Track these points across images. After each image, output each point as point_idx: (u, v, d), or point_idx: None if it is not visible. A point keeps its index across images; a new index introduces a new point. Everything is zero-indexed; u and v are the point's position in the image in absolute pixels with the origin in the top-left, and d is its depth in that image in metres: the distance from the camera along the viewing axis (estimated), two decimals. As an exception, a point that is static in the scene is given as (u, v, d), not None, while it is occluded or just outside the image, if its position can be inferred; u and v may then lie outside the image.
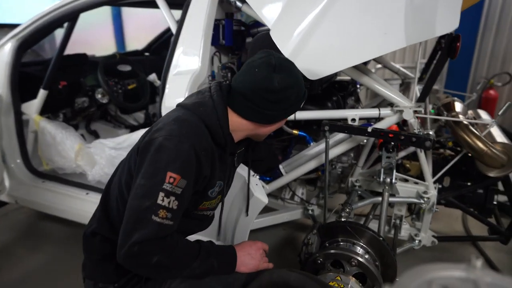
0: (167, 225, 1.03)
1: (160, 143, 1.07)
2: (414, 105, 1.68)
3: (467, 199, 2.08)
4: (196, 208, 1.25)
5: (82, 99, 2.76)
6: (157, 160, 1.06)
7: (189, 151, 1.07)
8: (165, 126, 1.13)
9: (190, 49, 1.76)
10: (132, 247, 0.99)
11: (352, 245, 1.51)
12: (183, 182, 1.05)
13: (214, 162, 1.19)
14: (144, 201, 1.02)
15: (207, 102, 1.20)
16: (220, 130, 1.19)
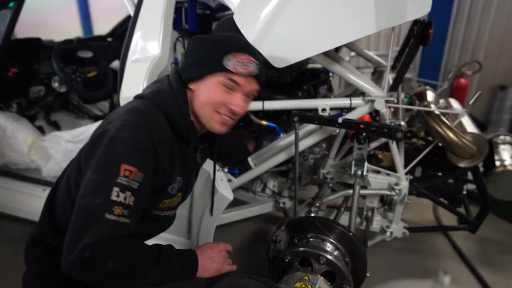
0: (123, 224, 0.91)
1: (113, 134, 0.96)
2: (385, 94, 1.61)
3: (438, 189, 2.06)
4: (155, 207, 1.15)
5: (38, 88, 2.55)
6: (109, 153, 0.94)
7: (145, 142, 0.97)
8: (119, 117, 1.02)
9: (149, 34, 1.63)
10: (83, 251, 0.86)
11: (321, 242, 1.45)
12: (140, 176, 0.94)
13: (173, 155, 1.09)
14: (95, 198, 0.90)
15: (165, 90, 1.11)
16: (180, 117, 1.10)
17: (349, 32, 1.18)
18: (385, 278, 2.02)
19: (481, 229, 2.39)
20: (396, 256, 2.21)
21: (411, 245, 2.30)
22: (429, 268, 2.10)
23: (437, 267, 2.11)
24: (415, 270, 2.08)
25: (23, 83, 2.46)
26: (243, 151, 1.93)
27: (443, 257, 2.20)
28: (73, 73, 2.39)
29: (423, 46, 1.61)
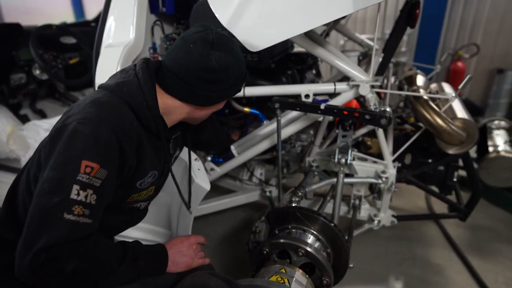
0: (84, 224, 0.85)
1: (73, 128, 0.90)
2: (371, 79, 1.54)
3: (427, 176, 2.01)
4: (123, 202, 1.09)
5: (19, 75, 2.47)
6: (69, 148, 0.88)
7: (109, 137, 0.91)
8: (81, 110, 0.95)
9: (122, 18, 1.55)
10: (37, 255, 0.79)
11: (302, 233, 1.40)
12: (102, 173, 0.89)
13: (141, 149, 1.03)
14: (53, 196, 0.84)
15: (131, 82, 1.03)
16: (148, 112, 1.02)
17: (325, 14, 1.11)
18: (371, 267, 2.00)
19: (473, 216, 2.35)
20: (385, 244, 2.17)
21: (401, 233, 2.26)
22: (417, 256, 2.07)
23: (426, 255, 2.08)
24: (403, 258, 2.05)
25: (2, 70, 2.39)
26: (225, 138, 1.86)
27: (433, 245, 2.17)
28: (54, 59, 2.31)
29: (410, 27, 1.53)
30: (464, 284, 1.87)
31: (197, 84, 1.03)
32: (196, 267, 1.15)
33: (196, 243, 1.19)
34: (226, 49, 1.03)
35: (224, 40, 1.04)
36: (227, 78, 1.05)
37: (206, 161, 1.91)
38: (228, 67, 1.03)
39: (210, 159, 1.97)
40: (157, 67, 1.09)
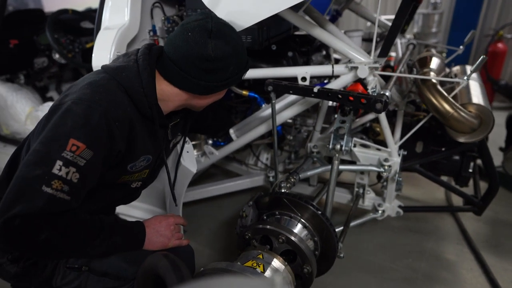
0: (60, 200, 0.88)
1: (67, 107, 0.93)
2: (370, 60, 1.45)
3: (441, 166, 1.88)
4: (113, 182, 1.12)
5: (41, 59, 2.61)
6: (60, 125, 0.91)
7: (99, 120, 0.93)
8: (77, 90, 0.98)
9: (118, 0, 1.55)
10: (10, 220, 0.83)
11: (289, 220, 1.37)
12: (88, 153, 0.91)
13: (134, 135, 1.04)
14: (35, 168, 0.87)
15: (131, 67, 1.04)
16: (144, 99, 1.04)
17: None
18: (374, 258, 1.93)
19: (495, 210, 2.20)
20: (393, 235, 2.08)
21: (412, 225, 2.15)
22: (426, 250, 1.96)
23: (437, 249, 1.96)
24: (410, 251, 1.95)
25: (26, 54, 2.52)
26: (227, 122, 1.85)
27: (446, 239, 2.04)
28: (71, 43, 2.39)
29: (415, 4, 1.40)
30: (474, 282, 1.75)
31: (194, 73, 1.03)
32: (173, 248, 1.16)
33: (175, 224, 1.20)
34: (224, 38, 1.01)
35: (223, 29, 1.02)
36: (224, 67, 1.04)
37: (206, 145, 1.91)
38: (225, 56, 1.01)
39: (211, 142, 1.96)
40: (159, 53, 1.09)
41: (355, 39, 1.86)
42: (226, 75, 1.06)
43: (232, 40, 1.03)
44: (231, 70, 1.06)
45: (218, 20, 1.02)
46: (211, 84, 1.06)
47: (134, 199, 1.37)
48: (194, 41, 0.98)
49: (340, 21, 4.30)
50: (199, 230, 2.21)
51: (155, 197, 1.74)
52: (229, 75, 1.07)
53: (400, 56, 2.25)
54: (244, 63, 1.11)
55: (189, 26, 1.00)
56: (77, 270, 1.09)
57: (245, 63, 1.12)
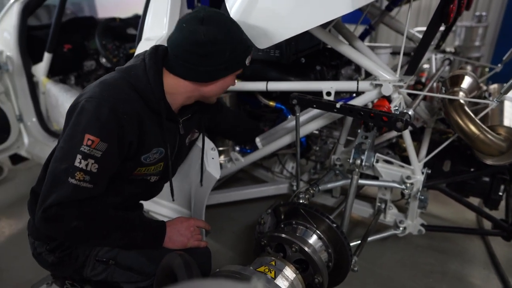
0: (84, 188, 1.01)
1: (82, 106, 1.06)
2: (395, 78, 1.46)
3: (469, 187, 1.83)
4: (131, 173, 1.23)
5: (90, 62, 2.83)
6: (77, 123, 1.04)
7: (109, 115, 1.04)
8: (90, 89, 1.11)
9: (158, 13, 1.69)
10: (48, 209, 0.98)
11: (305, 230, 1.41)
12: (102, 145, 1.03)
13: (144, 127, 1.14)
14: (62, 163, 1.01)
15: (138, 66, 1.16)
16: (152, 95, 1.14)
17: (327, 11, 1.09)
18: (393, 275, 1.91)
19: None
20: (416, 253, 2.04)
21: (437, 244, 2.10)
22: (449, 271, 1.91)
23: (460, 272, 1.91)
24: (432, 271, 1.91)
25: (77, 58, 2.75)
26: (253, 130, 1.92)
27: (472, 262, 1.97)
28: (116, 49, 2.58)
29: (445, 24, 1.40)
30: (498, 310, 1.69)
31: (192, 59, 1.10)
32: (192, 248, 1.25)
33: (195, 226, 1.29)
34: (216, 23, 1.08)
35: (215, 15, 1.10)
36: (220, 51, 1.10)
37: (233, 151, 1.99)
38: (218, 40, 1.08)
39: (238, 149, 2.05)
40: (165, 52, 1.19)
41: (382, 56, 1.87)
42: (223, 58, 1.11)
43: (224, 24, 1.10)
44: (228, 54, 1.11)
45: (210, 10, 1.10)
46: (210, 69, 1.13)
47: (155, 194, 1.46)
48: (187, 30, 1.08)
49: (379, 32, 4.27)
50: (223, 232, 2.30)
51: (182, 198, 1.85)
52: (227, 59, 1.12)
53: (433, 72, 2.22)
54: (244, 46, 1.15)
55: (184, 18, 1.11)
56: (105, 263, 1.20)
57: (245, 46, 1.16)
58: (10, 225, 2.39)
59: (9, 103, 2.55)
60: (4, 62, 2.47)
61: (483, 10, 3.52)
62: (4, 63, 2.47)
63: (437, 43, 2.16)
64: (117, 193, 1.23)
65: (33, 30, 2.62)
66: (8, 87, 2.56)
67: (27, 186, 2.81)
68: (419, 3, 3.96)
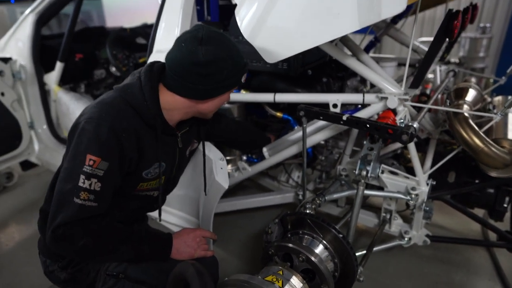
0: (89, 207, 1.04)
1: (82, 126, 1.09)
2: (400, 92, 1.49)
3: (474, 198, 1.85)
4: (133, 189, 1.26)
5: (100, 71, 2.90)
6: (78, 144, 1.07)
7: (108, 134, 1.07)
8: (89, 110, 1.14)
9: (169, 26, 1.74)
10: (56, 229, 1.02)
11: (311, 240, 1.44)
12: (104, 164, 1.06)
13: (142, 143, 1.17)
14: (67, 183, 1.04)
15: (134, 84, 1.18)
16: (147, 111, 1.16)
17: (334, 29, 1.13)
18: (398, 285, 1.92)
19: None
20: (421, 263, 2.06)
21: (443, 255, 2.11)
22: (454, 282, 1.92)
23: (465, 283, 1.92)
24: (437, 282, 1.92)
25: (88, 67, 2.81)
26: (260, 139, 1.95)
27: (477, 273, 1.98)
28: (126, 58, 2.64)
29: (449, 39, 1.44)
30: (503, 321, 1.70)
31: (190, 78, 1.12)
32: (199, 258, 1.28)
33: (201, 236, 1.32)
34: (214, 44, 1.10)
35: (214, 35, 1.11)
36: (219, 71, 1.12)
37: (240, 160, 2.02)
38: (217, 60, 1.10)
39: (245, 158, 2.08)
40: (161, 69, 1.21)
41: (388, 69, 1.90)
42: (221, 77, 1.14)
43: (223, 44, 1.12)
44: (226, 73, 1.14)
45: (208, 29, 1.12)
46: (208, 88, 1.15)
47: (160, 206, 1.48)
48: (186, 50, 1.09)
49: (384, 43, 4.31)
50: (230, 240, 2.32)
51: (190, 206, 1.88)
52: (225, 78, 1.15)
53: (438, 84, 2.25)
54: (241, 66, 1.18)
55: (182, 37, 1.13)
56: (115, 277, 1.22)
57: (242, 66, 1.19)
58: (20, 230, 2.43)
59: (21, 111, 2.61)
60: (18, 71, 2.53)
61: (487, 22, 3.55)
62: (18, 72, 2.53)
63: (441, 55, 2.19)
64: (121, 209, 1.26)
65: (45, 39, 2.69)
66: (20, 95, 2.62)
67: (37, 192, 2.91)
68: (423, 14, 4.00)
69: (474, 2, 2.00)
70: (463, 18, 1.65)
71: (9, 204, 2.78)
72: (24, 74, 2.56)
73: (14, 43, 2.57)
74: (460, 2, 3.72)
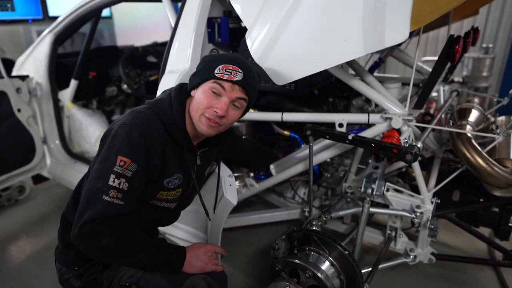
0: (117, 205, 1.10)
1: (115, 131, 1.17)
2: (404, 112, 1.54)
3: (479, 217, 1.87)
4: (153, 197, 1.32)
5: (112, 88, 2.99)
6: (111, 146, 1.15)
7: (139, 138, 1.15)
8: (122, 118, 1.23)
9: (182, 47, 1.81)
10: (84, 225, 1.06)
11: (318, 257, 1.47)
12: (133, 166, 1.13)
13: (166, 153, 1.25)
14: (97, 182, 1.11)
15: (165, 99, 1.30)
16: (174, 125, 1.26)
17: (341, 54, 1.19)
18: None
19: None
20: (426, 281, 2.06)
21: (448, 273, 2.12)
22: (460, 301, 1.92)
23: (472, 302, 1.92)
24: (443, 301, 1.93)
25: (100, 84, 2.91)
26: (267, 157, 2.00)
27: (483, 293, 1.99)
28: (138, 76, 2.74)
29: (451, 63, 1.49)
30: None
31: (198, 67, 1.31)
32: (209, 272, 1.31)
33: (212, 251, 1.36)
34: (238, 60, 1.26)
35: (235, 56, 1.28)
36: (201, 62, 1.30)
37: (248, 177, 2.07)
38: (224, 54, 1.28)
39: (253, 175, 2.13)
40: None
41: (392, 89, 1.96)
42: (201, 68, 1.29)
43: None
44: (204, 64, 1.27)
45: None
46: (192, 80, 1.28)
47: (174, 221, 1.55)
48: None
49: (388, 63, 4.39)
50: (236, 255, 2.35)
51: (198, 222, 1.92)
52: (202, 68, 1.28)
53: (441, 103, 2.30)
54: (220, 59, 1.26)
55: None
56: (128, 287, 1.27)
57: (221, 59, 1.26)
58: (31, 244, 2.48)
59: (35, 126, 2.70)
60: (34, 88, 2.63)
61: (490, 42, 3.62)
62: (34, 89, 2.63)
63: (445, 75, 2.25)
64: (139, 218, 1.31)
65: (60, 57, 2.80)
66: (35, 111, 2.71)
67: (48, 205, 2.97)
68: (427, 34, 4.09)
69: (476, 26, 2.06)
70: (465, 42, 1.72)
71: (21, 217, 2.84)
72: (39, 91, 2.65)
73: (32, 61, 2.68)
74: (463, 23, 3.80)
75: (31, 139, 2.67)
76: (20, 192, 3.04)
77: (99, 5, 2.33)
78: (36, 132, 2.70)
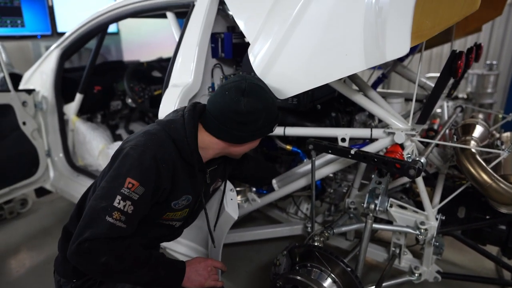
0: (119, 227, 1.08)
1: (126, 152, 1.16)
2: (407, 127, 1.53)
3: (485, 235, 1.83)
4: (159, 217, 1.31)
5: (116, 102, 3.02)
6: (120, 166, 1.14)
7: (150, 162, 1.14)
8: (135, 138, 1.22)
9: (185, 62, 1.83)
10: (82, 243, 1.05)
11: (320, 273, 1.44)
12: (141, 189, 1.12)
13: (177, 175, 1.24)
14: (102, 201, 1.09)
15: (178, 120, 1.28)
16: (187, 146, 1.24)
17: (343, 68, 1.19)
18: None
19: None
20: (433, 302, 2.01)
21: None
22: (468, 322, 1.86)
23: (480, 323, 1.86)
24: (450, 321, 1.87)
25: (105, 98, 2.94)
26: (271, 173, 1.99)
27: (491, 313, 1.92)
28: (142, 91, 2.77)
29: (453, 78, 1.49)
30: None
31: (229, 124, 1.23)
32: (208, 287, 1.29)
33: (212, 266, 1.34)
34: (255, 96, 1.21)
35: (255, 88, 1.23)
36: (255, 120, 1.23)
37: (250, 192, 2.05)
38: (255, 111, 1.21)
39: (255, 189, 2.11)
40: (202, 110, 1.31)
41: (395, 104, 1.96)
42: (256, 126, 1.24)
43: (262, 97, 1.23)
44: (261, 123, 1.24)
45: (251, 81, 1.23)
46: (243, 134, 1.25)
47: (177, 237, 1.54)
48: (230, 98, 1.19)
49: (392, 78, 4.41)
50: (237, 271, 2.31)
51: (199, 237, 1.90)
52: (260, 127, 1.25)
53: (445, 119, 2.28)
54: (274, 117, 1.29)
55: (227, 86, 1.23)
56: None
57: (275, 116, 1.30)
58: (32, 257, 2.46)
59: (40, 139, 2.72)
60: (40, 101, 2.66)
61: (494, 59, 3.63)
62: (40, 102, 2.66)
63: (448, 91, 2.24)
64: (143, 236, 1.30)
65: (66, 72, 2.84)
66: (40, 124, 2.74)
67: (50, 218, 2.96)
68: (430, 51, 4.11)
69: (479, 42, 2.07)
70: (467, 57, 1.72)
71: (22, 230, 2.83)
72: (45, 104, 2.69)
73: (39, 75, 2.73)
74: (466, 40, 3.82)
75: (35, 152, 2.68)
76: (22, 205, 3.04)
77: (105, 21, 2.38)
78: (40, 145, 2.72)
